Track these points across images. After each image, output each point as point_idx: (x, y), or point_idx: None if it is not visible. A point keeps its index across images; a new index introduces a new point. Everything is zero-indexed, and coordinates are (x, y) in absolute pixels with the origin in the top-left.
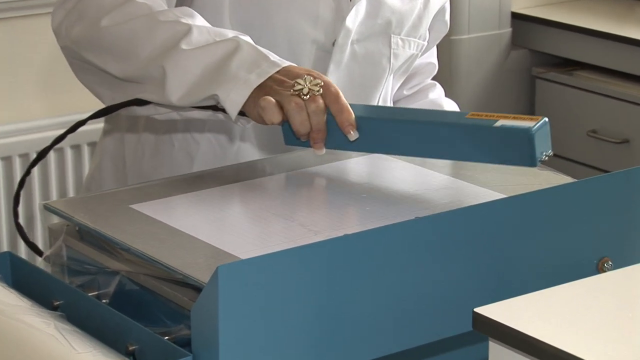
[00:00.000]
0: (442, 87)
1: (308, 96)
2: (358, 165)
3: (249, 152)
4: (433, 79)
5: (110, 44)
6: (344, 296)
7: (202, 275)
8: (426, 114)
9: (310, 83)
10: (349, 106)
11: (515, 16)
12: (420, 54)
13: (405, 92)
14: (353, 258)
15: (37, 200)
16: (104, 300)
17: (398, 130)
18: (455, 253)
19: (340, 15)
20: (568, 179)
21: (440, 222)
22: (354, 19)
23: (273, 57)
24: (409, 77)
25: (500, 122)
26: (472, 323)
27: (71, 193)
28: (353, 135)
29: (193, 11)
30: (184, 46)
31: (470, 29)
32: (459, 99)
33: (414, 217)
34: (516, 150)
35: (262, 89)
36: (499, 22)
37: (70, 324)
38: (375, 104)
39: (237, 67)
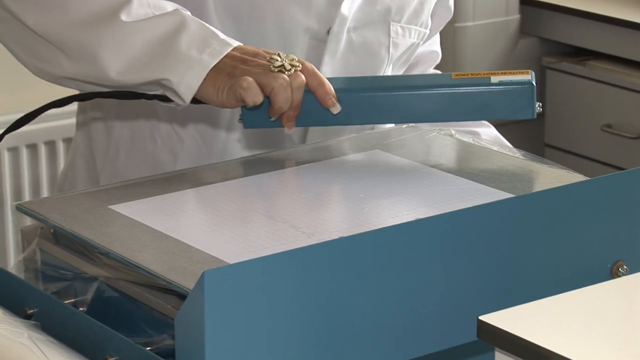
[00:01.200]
0: None
1: (291, 71)
2: (355, 163)
3: (236, 149)
4: (435, 68)
5: None
6: (340, 303)
7: (186, 281)
8: (409, 79)
9: (287, 58)
10: (327, 80)
11: (524, 2)
12: (421, 42)
13: None
14: (349, 262)
15: (9, 201)
16: (81, 308)
17: (384, 100)
18: (458, 257)
19: (335, 1)
20: (580, 177)
21: (442, 223)
22: (350, 5)
23: (221, 35)
24: (410, 66)
25: (496, 78)
26: (476, 332)
27: (45, 193)
28: (336, 108)
29: None
30: (123, 17)
31: (475, 15)
32: None
33: (414, 218)
34: (517, 103)
35: (221, 70)
36: (507, 8)
37: (45, 334)
38: None
39: (187, 46)
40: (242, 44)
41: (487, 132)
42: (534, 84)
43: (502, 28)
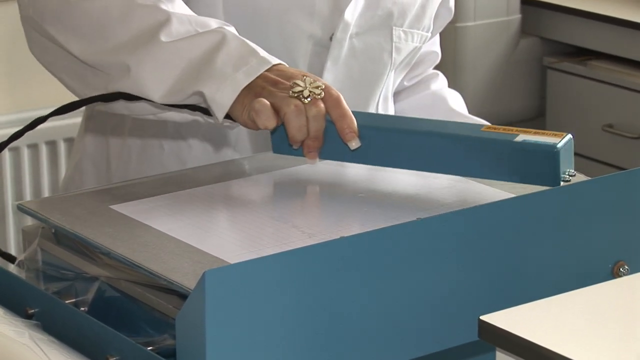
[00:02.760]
0: (446, 78)
1: (309, 99)
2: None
3: (244, 155)
4: (435, 68)
5: (78, 19)
6: (340, 303)
7: (187, 281)
8: (437, 125)
9: (310, 85)
10: (351, 112)
11: (525, 2)
12: (423, 46)
13: (406, 83)
14: (350, 262)
15: (10, 201)
16: (82, 308)
17: (406, 142)
18: (459, 257)
19: (338, 7)
20: (581, 177)
21: (443, 223)
22: (353, 11)
23: (262, 52)
24: (410, 66)
25: (522, 137)
26: (477, 332)
27: (46, 193)
28: (354, 144)
29: None
30: (163, 38)
31: (476, 15)
32: (464, 91)
33: (415, 218)
34: (538, 168)
35: (251, 89)
36: (508, 8)
37: (46, 334)
38: (376, 102)
39: (223, 63)
40: (284, 64)
41: None
42: (558, 151)
43: (503, 28)
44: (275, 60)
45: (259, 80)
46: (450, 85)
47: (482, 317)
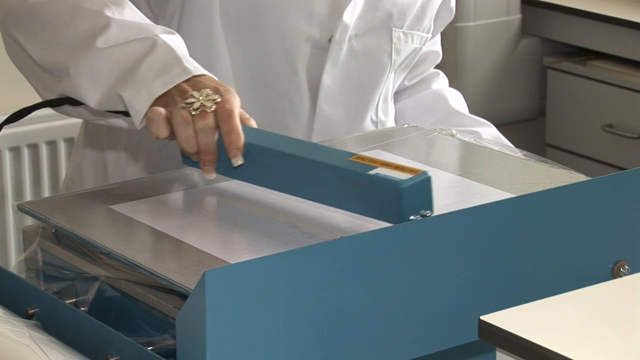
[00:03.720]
0: (446, 78)
1: (198, 111)
2: None
3: None
4: (436, 68)
5: (35, 24)
6: (341, 303)
7: (187, 281)
8: (312, 150)
9: (205, 97)
10: (240, 128)
11: (525, 2)
12: (423, 46)
13: (407, 83)
14: (350, 262)
15: (10, 201)
16: (82, 308)
17: (280, 165)
18: (459, 256)
19: (337, 9)
20: (581, 177)
21: (444, 223)
22: (352, 13)
23: (188, 62)
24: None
25: (376, 170)
26: (477, 332)
27: (47, 193)
28: (236, 160)
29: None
30: (99, 44)
31: (476, 15)
32: (464, 92)
33: (415, 218)
34: (385, 204)
35: (165, 98)
36: (508, 8)
37: (46, 334)
38: (375, 103)
39: (147, 69)
40: (209, 75)
41: (488, 132)
42: (403, 188)
43: (504, 28)
44: (198, 71)
45: (174, 89)
46: (450, 86)
47: (482, 317)
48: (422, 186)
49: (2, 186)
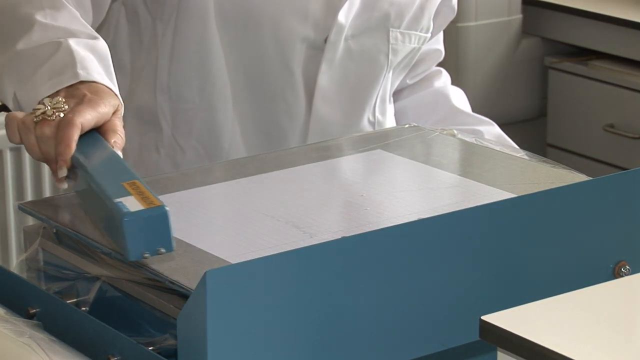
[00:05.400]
0: (449, 76)
1: (39, 118)
2: (356, 163)
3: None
4: (438, 66)
5: None
6: (342, 303)
7: (188, 280)
8: (107, 169)
9: (53, 105)
10: (71, 139)
11: (527, 2)
12: (422, 46)
13: (409, 81)
14: (351, 262)
15: (11, 201)
16: (83, 308)
17: (81, 180)
18: (460, 257)
19: (332, 9)
20: (583, 177)
21: (444, 223)
22: (348, 13)
23: (82, 67)
24: (413, 64)
25: (122, 198)
26: (479, 332)
27: (48, 193)
28: (61, 172)
29: (62, 3)
30: (19, 46)
31: (477, 15)
32: (465, 91)
33: (416, 218)
34: (117, 234)
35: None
36: (509, 8)
37: (47, 333)
38: (372, 104)
39: (44, 71)
40: (100, 82)
41: (490, 131)
42: (126, 221)
43: (505, 28)
44: (90, 77)
45: (57, 93)
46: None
47: (484, 317)
48: (153, 221)
49: (3, 186)
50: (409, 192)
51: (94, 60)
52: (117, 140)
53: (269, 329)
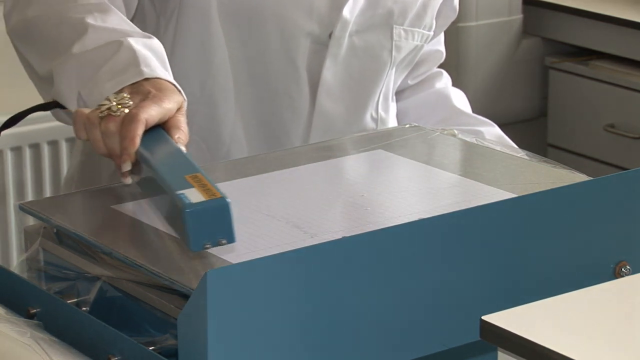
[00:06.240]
0: (449, 78)
1: (104, 114)
2: (357, 162)
3: (239, 156)
4: (439, 67)
5: (32, 36)
6: (342, 303)
7: (189, 280)
8: (170, 162)
9: (118, 101)
10: (135, 134)
11: (527, 2)
12: (425, 44)
13: (410, 82)
14: (352, 262)
15: (12, 201)
16: (83, 308)
17: (145, 177)
18: (460, 257)
19: (336, 5)
20: (583, 177)
21: (445, 223)
22: (352, 9)
23: (145, 65)
24: (414, 65)
25: (184, 190)
26: (479, 332)
27: (48, 193)
28: (125, 166)
29: (109, 6)
30: (75, 49)
31: (478, 15)
32: (465, 92)
33: (416, 218)
34: (180, 225)
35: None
36: (510, 8)
37: (48, 333)
38: (376, 100)
39: (106, 71)
40: (163, 79)
41: (490, 131)
42: (188, 212)
43: (505, 28)
44: (154, 74)
45: (121, 90)
46: (451, 86)
47: (484, 317)
48: (214, 212)
49: (3, 186)
50: (409, 192)
51: (154, 58)
52: (181, 137)
53: (270, 329)
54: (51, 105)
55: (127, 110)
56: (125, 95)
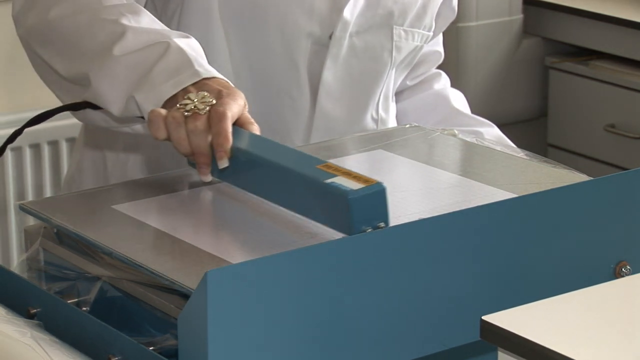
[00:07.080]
0: (448, 79)
1: (190, 113)
2: (358, 162)
3: None
4: (438, 68)
5: (55, 38)
6: (342, 303)
7: (189, 280)
8: (290, 155)
9: (200, 99)
10: (228, 131)
11: (527, 2)
12: (425, 45)
13: (409, 83)
14: (352, 262)
15: (12, 201)
16: (84, 308)
17: (255, 170)
18: (461, 257)
19: (337, 6)
20: (583, 177)
21: (445, 223)
22: (353, 10)
23: (199, 65)
24: (412, 66)
25: (333, 179)
26: (479, 332)
27: (48, 192)
28: (221, 163)
29: (139, 7)
30: (116, 52)
31: (478, 15)
32: (466, 92)
33: (417, 218)
34: (335, 213)
35: (174, 101)
36: (510, 8)
37: (48, 333)
38: (376, 101)
39: (158, 73)
40: (219, 77)
41: (490, 132)
42: (351, 199)
43: (505, 28)
44: (209, 74)
45: (182, 92)
46: (452, 86)
47: (484, 317)
48: (374, 197)
49: (4, 186)
50: (409, 192)
51: (200, 58)
52: (257, 132)
53: (269, 329)
54: (82, 106)
55: (208, 108)
56: (205, 93)
